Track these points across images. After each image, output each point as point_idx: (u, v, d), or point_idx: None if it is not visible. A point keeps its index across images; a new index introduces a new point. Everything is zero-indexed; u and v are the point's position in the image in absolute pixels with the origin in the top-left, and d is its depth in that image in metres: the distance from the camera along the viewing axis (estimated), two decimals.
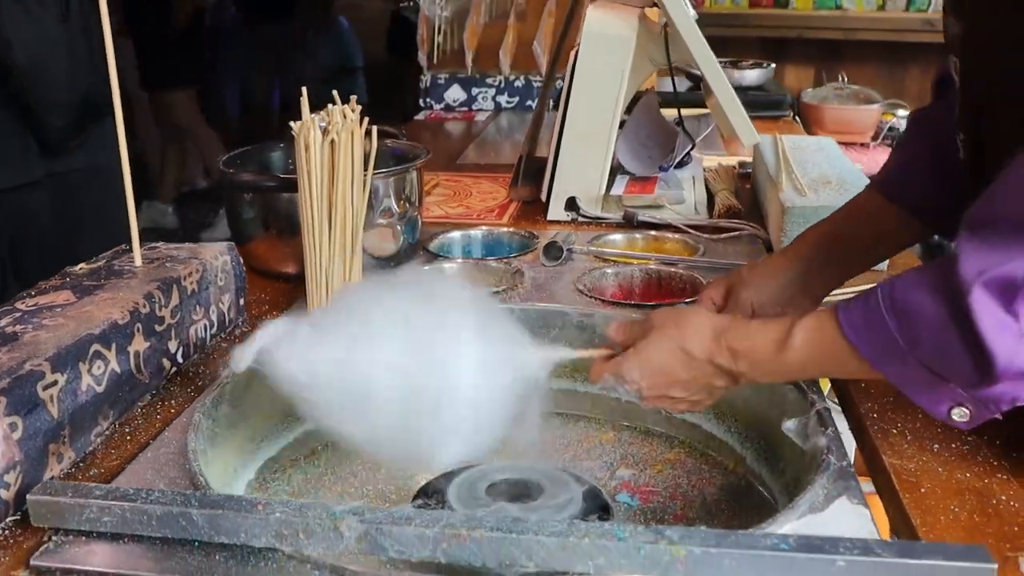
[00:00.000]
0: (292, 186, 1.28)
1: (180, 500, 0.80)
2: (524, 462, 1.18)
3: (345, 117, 1.21)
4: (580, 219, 1.75)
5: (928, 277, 0.82)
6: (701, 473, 1.18)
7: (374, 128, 1.24)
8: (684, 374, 0.93)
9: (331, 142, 1.20)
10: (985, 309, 0.76)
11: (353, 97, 1.24)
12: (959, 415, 0.84)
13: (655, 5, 1.79)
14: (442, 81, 2.99)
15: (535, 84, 2.95)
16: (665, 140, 1.89)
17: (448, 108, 2.98)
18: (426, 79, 3.03)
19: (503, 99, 2.97)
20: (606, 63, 1.69)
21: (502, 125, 2.81)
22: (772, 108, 2.85)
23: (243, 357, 0.92)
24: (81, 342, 0.95)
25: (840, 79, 3.46)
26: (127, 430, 1.01)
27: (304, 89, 1.24)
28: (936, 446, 0.95)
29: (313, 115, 1.20)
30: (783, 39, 4.59)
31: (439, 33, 3.24)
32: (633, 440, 1.26)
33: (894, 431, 0.98)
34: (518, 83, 2.96)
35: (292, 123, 1.20)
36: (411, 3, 3.43)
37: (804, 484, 0.90)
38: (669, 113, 1.97)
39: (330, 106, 1.21)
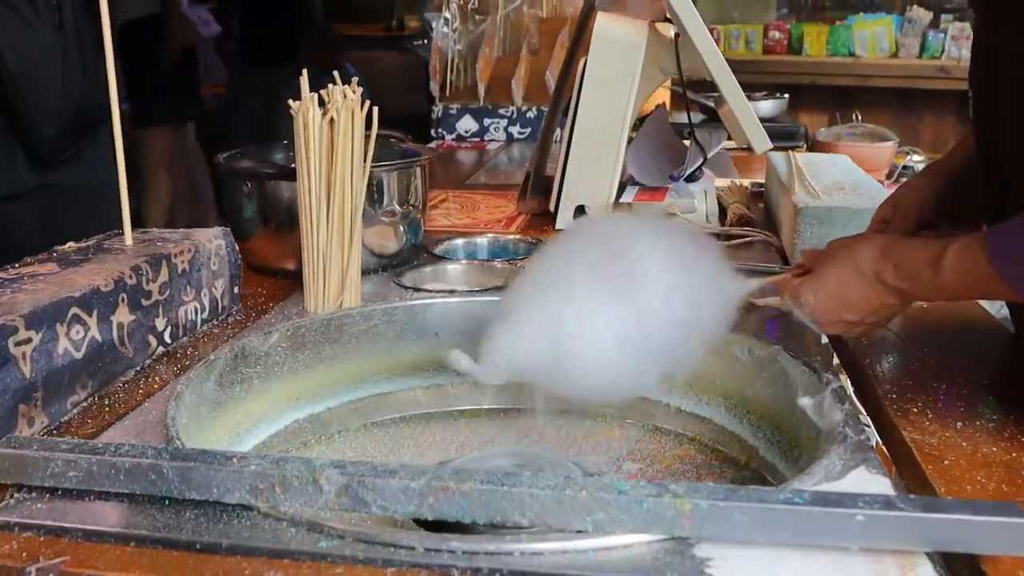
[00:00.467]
0: (290, 175, 1.25)
1: (151, 453, 0.75)
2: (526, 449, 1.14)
3: (345, 97, 1.18)
4: None
5: None
6: (712, 468, 1.13)
7: (375, 109, 1.21)
8: (855, 294, 0.93)
9: (330, 121, 1.17)
10: None
11: (355, 79, 1.21)
12: None
13: (667, 20, 1.77)
14: (454, 112, 2.98)
15: None
16: (676, 154, 1.85)
17: (460, 138, 2.96)
18: (438, 110, 3.01)
19: (515, 130, 2.95)
20: (616, 68, 1.66)
21: (513, 154, 2.79)
22: (786, 139, 2.82)
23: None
24: (59, 303, 0.91)
25: (854, 118, 3.43)
26: (106, 403, 0.97)
27: (304, 71, 1.22)
28: (959, 423, 0.89)
29: (313, 94, 1.18)
30: (797, 85, 4.59)
31: (452, 71, 3.24)
32: (641, 437, 1.20)
33: (914, 410, 0.93)
34: (530, 114, 2.94)
35: (291, 101, 1.17)
36: (424, 41, 3.42)
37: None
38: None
39: (330, 86, 1.18)
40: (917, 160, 3.42)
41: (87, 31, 1.93)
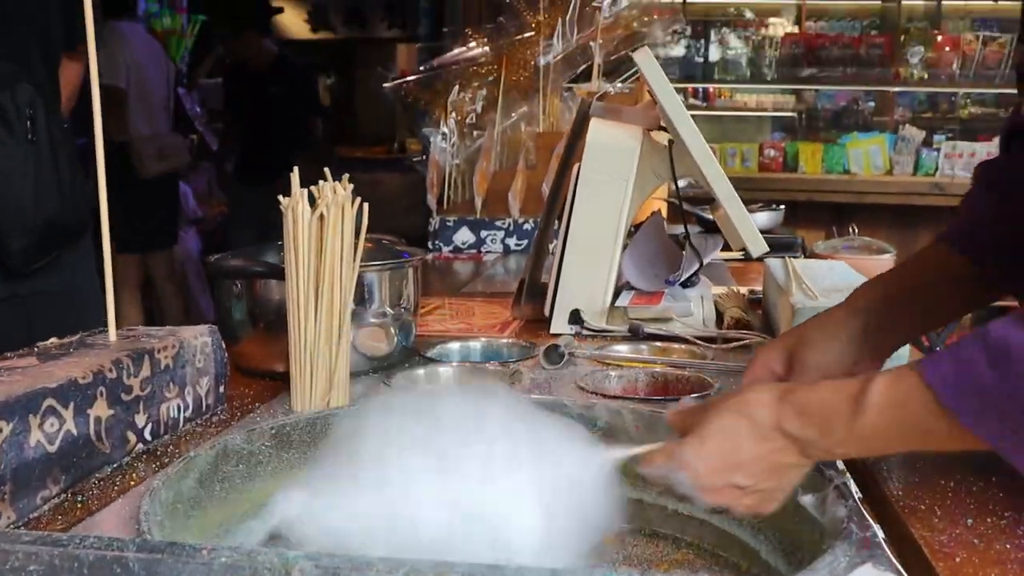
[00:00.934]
0: (280, 273, 1.24)
1: (116, 545, 0.71)
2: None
3: (335, 192, 1.17)
4: (584, 332, 1.68)
5: None
6: (712, 572, 1.08)
7: (365, 205, 1.20)
8: (748, 450, 0.81)
9: (320, 217, 1.16)
10: None
11: (345, 176, 1.20)
12: None
13: (662, 128, 1.79)
14: (451, 224, 2.99)
15: None
16: (672, 259, 1.85)
17: (456, 250, 2.97)
18: (435, 222, 3.03)
19: (512, 241, 2.96)
20: (610, 173, 1.66)
21: (510, 265, 2.78)
22: (784, 250, 2.81)
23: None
24: (34, 394, 0.88)
25: (851, 231, 3.45)
26: (79, 499, 0.93)
27: (296, 168, 1.21)
28: (970, 520, 0.86)
29: (303, 189, 1.17)
30: (794, 202, 4.64)
31: (450, 185, 3.28)
32: (636, 542, 1.15)
33: (922, 507, 0.89)
34: (527, 226, 2.95)
35: (281, 196, 1.17)
36: (423, 157, 3.47)
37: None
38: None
39: (320, 182, 1.18)
40: None
41: (62, 145, 1.92)
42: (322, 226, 1.17)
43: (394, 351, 1.43)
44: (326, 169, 1.19)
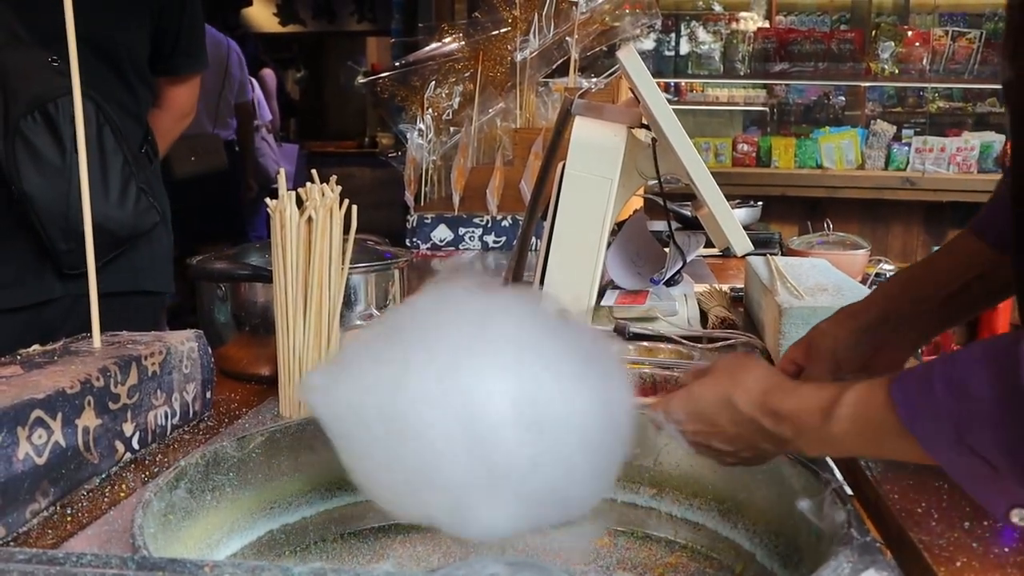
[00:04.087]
0: (266, 276, 1.23)
1: (116, 562, 0.70)
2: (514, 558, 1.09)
3: (323, 195, 1.16)
4: None
5: (993, 346, 0.69)
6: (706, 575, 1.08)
7: (354, 208, 1.19)
8: (729, 427, 0.85)
9: (308, 220, 1.15)
10: None
11: (333, 177, 1.19)
12: (1021, 517, 0.69)
13: (644, 126, 1.78)
14: (428, 221, 2.97)
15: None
16: (655, 258, 1.85)
17: (435, 247, 2.95)
18: (413, 220, 3.01)
19: (490, 239, 2.95)
20: (595, 171, 1.66)
21: (488, 263, 2.77)
22: (762, 246, 2.82)
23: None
24: (21, 405, 0.86)
25: (826, 226, 3.47)
26: (69, 512, 0.91)
27: (282, 170, 1.20)
28: (967, 523, 0.86)
29: (290, 192, 1.16)
30: (767, 197, 4.66)
31: (427, 182, 3.26)
32: (630, 545, 1.15)
33: (918, 510, 0.89)
34: (505, 223, 2.94)
35: (268, 199, 1.15)
36: (399, 153, 3.44)
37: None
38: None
39: (308, 184, 1.17)
40: (887, 268, 3.46)
41: (113, 155, 1.96)
42: (310, 229, 1.15)
43: None
44: (313, 171, 1.18)
